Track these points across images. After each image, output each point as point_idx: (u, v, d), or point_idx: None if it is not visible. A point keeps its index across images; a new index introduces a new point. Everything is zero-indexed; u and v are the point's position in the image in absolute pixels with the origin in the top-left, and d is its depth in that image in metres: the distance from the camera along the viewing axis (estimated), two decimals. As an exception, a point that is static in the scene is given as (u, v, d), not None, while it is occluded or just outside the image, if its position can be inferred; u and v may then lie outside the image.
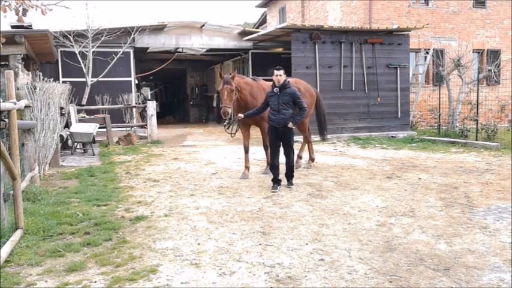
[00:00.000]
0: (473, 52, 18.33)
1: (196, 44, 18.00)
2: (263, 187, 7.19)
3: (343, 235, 4.78)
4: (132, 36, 15.94)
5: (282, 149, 7.17)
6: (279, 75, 7.00)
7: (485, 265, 3.93)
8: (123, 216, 5.53)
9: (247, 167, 8.13)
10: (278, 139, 7.09)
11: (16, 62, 9.86)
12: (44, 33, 10.17)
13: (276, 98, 7.00)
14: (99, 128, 12.25)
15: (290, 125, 6.95)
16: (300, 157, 8.98)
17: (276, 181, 7.04)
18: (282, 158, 7.18)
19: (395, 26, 15.72)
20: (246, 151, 8.24)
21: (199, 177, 8.10)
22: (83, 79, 15.19)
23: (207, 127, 19.84)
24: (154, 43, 17.35)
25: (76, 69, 15.36)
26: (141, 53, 18.89)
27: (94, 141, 11.60)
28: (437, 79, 15.75)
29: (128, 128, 15.16)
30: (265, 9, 26.98)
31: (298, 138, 10.24)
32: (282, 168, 7.21)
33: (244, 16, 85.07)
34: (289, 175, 7.22)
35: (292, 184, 7.17)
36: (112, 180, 7.81)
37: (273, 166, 7.12)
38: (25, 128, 6.62)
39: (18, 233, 4.58)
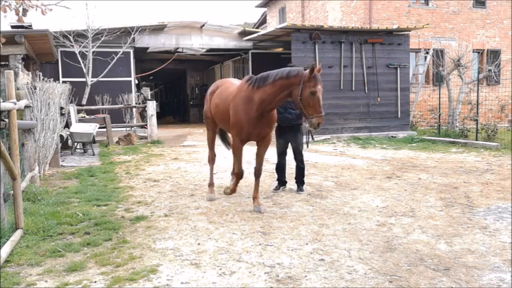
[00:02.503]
0: (473, 52, 18.33)
1: (196, 44, 18.01)
2: (263, 187, 7.18)
3: (343, 235, 4.78)
4: (132, 36, 15.95)
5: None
6: None
7: (485, 265, 3.93)
8: (123, 216, 5.53)
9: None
10: (284, 139, 6.85)
11: (16, 62, 9.86)
12: (44, 33, 10.17)
13: None
14: (99, 128, 12.25)
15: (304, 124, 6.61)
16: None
17: (280, 182, 7.00)
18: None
19: (395, 26, 15.72)
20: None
21: (199, 177, 8.09)
22: (83, 79, 15.19)
23: (207, 127, 19.80)
24: (154, 43, 17.35)
25: (76, 69, 15.36)
26: (141, 53, 18.89)
27: (94, 141, 11.59)
28: (437, 79, 15.75)
29: (128, 128, 15.16)
30: (265, 9, 26.98)
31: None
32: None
33: (244, 16, 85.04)
34: (300, 180, 6.91)
35: (302, 190, 6.83)
36: (112, 180, 7.81)
37: (278, 166, 6.97)
38: (25, 128, 6.62)
39: (18, 233, 4.58)
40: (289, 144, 6.94)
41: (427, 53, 17.02)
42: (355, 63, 14.38)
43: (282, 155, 6.97)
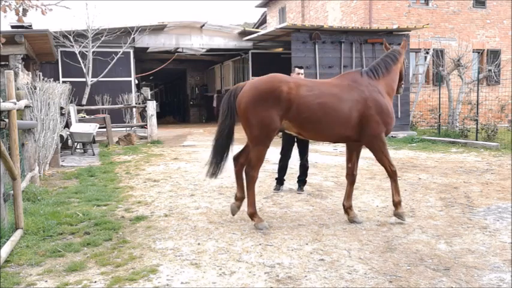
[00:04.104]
0: (473, 52, 18.34)
1: (196, 44, 18.02)
2: (263, 187, 7.18)
3: (343, 235, 4.78)
4: (132, 36, 15.96)
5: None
6: (300, 74, 6.75)
7: (485, 265, 3.93)
8: (123, 216, 5.53)
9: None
10: (293, 141, 6.78)
11: (16, 62, 9.87)
12: (44, 33, 10.17)
13: None
14: (99, 128, 12.26)
15: None
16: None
17: (279, 182, 7.01)
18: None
19: (395, 26, 15.72)
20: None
21: (199, 177, 8.09)
22: (83, 79, 15.20)
23: (207, 127, 19.84)
24: (154, 43, 17.37)
25: (76, 69, 15.37)
26: (141, 53, 18.91)
27: (94, 141, 11.60)
28: (437, 79, 15.75)
29: (128, 128, 15.17)
30: (265, 9, 26.98)
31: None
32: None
33: (244, 16, 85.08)
34: (302, 179, 6.90)
35: (302, 190, 6.83)
36: (112, 180, 7.81)
37: (281, 168, 6.96)
38: (25, 128, 6.62)
39: (18, 233, 4.58)
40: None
41: (427, 53, 17.02)
42: (355, 63, 14.38)
43: (286, 155, 6.95)
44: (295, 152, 6.98)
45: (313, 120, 4.93)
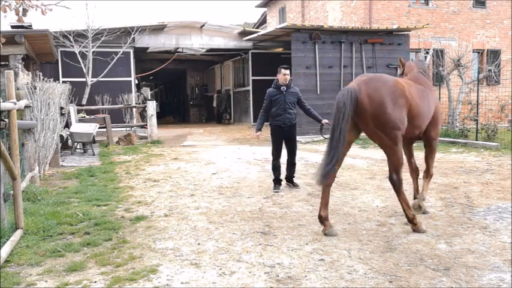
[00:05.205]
0: (473, 52, 18.33)
1: (196, 44, 18.01)
2: (263, 187, 7.19)
3: (343, 235, 4.78)
4: (132, 36, 15.95)
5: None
6: (287, 74, 6.93)
7: (485, 265, 3.93)
8: (123, 216, 5.53)
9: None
10: (282, 139, 7.02)
11: (16, 62, 9.87)
12: (44, 33, 10.17)
13: (282, 98, 6.90)
14: (99, 128, 12.25)
15: (325, 121, 6.84)
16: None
17: (277, 182, 7.03)
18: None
19: (395, 26, 15.72)
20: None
21: (199, 177, 8.09)
22: (83, 79, 15.19)
23: (207, 127, 19.83)
24: (154, 43, 17.36)
25: (76, 69, 15.37)
26: (141, 53, 18.90)
27: (94, 141, 11.60)
28: (437, 79, 15.74)
29: (128, 128, 15.17)
30: (265, 9, 26.98)
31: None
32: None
33: (244, 16, 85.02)
34: (292, 176, 7.15)
35: (298, 186, 7.09)
36: (112, 180, 7.81)
37: (274, 167, 7.04)
38: (25, 128, 6.63)
39: (18, 233, 4.58)
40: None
41: (427, 53, 17.01)
42: (355, 63, 14.38)
43: (278, 156, 7.08)
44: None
45: (416, 118, 5.01)
